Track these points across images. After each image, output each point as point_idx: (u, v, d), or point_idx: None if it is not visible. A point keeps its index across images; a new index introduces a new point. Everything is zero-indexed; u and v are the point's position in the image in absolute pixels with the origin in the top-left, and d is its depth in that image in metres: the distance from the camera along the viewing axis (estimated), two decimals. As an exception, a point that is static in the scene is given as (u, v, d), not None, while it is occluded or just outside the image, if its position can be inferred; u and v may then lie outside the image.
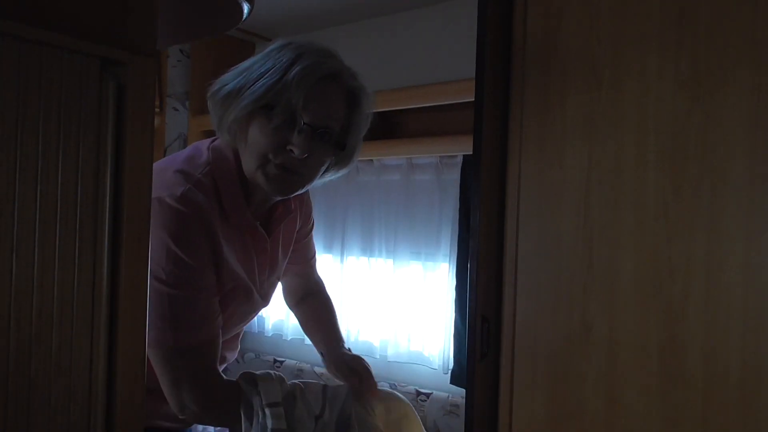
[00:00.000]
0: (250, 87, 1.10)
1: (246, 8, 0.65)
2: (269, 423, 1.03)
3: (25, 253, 0.61)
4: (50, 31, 0.61)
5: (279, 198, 1.23)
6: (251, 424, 1.05)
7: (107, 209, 0.66)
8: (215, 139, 1.24)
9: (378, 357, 2.73)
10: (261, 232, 1.24)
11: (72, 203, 0.64)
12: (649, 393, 1.18)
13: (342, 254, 2.87)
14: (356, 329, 2.82)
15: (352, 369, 1.33)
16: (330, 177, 1.28)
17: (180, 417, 1.10)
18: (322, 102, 1.13)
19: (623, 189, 1.22)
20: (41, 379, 0.62)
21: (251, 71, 1.13)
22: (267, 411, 1.05)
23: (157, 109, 2.90)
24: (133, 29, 0.66)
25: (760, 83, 1.09)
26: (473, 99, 1.33)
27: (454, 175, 2.52)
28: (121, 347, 0.68)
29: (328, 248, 2.93)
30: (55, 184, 0.62)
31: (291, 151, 1.10)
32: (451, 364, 2.49)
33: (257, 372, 1.13)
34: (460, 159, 2.50)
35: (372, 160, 2.76)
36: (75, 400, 0.65)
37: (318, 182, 1.24)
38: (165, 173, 1.11)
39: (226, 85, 1.14)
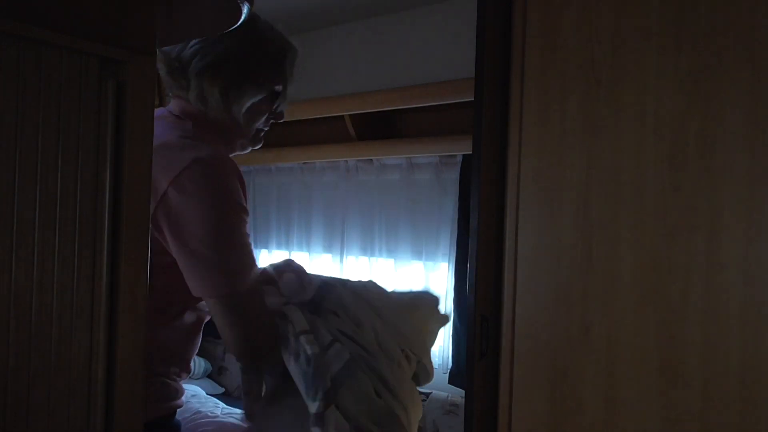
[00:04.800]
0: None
1: (245, 8, 0.65)
2: (307, 349, 1.10)
3: (25, 253, 0.61)
4: (50, 30, 0.61)
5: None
6: (288, 352, 1.11)
7: (107, 208, 0.66)
8: (165, 109, 1.27)
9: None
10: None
11: (72, 203, 0.64)
12: (649, 392, 1.18)
13: (342, 254, 2.87)
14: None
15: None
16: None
17: (241, 361, 1.17)
18: None
19: (622, 188, 1.22)
20: (41, 376, 0.62)
21: None
22: (302, 338, 1.11)
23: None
24: (133, 28, 0.66)
25: (759, 83, 1.09)
26: (473, 99, 1.33)
27: (454, 175, 2.52)
28: (120, 344, 0.68)
29: (328, 248, 2.93)
30: (54, 184, 0.62)
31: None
32: (450, 364, 2.50)
33: (284, 305, 1.18)
34: (459, 159, 2.50)
35: (372, 159, 2.77)
36: (74, 397, 0.65)
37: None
38: (172, 145, 1.13)
39: None
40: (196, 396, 2.71)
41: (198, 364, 3.22)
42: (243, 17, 0.67)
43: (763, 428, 1.08)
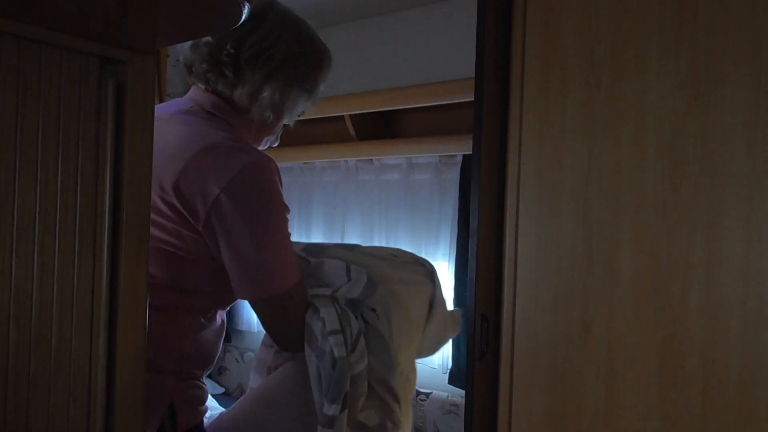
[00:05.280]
0: None
1: (246, 8, 0.65)
2: (335, 351, 1.09)
3: (25, 253, 0.61)
4: (50, 30, 0.61)
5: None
6: (311, 349, 1.11)
7: (107, 208, 0.66)
8: (188, 107, 1.22)
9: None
10: None
11: (72, 203, 0.64)
12: (649, 392, 1.18)
13: (341, 254, 2.87)
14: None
15: None
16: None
17: (286, 351, 1.19)
18: None
19: (622, 188, 1.22)
20: (40, 379, 0.62)
21: None
22: (331, 338, 1.10)
23: (156, 109, 2.89)
24: (133, 28, 0.66)
25: (759, 82, 1.09)
26: (473, 99, 1.33)
27: (454, 175, 2.52)
28: (120, 346, 0.68)
29: (328, 248, 2.93)
30: (54, 184, 0.62)
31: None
32: (450, 364, 2.50)
33: (316, 299, 1.17)
34: (459, 159, 2.50)
35: (372, 159, 2.77)
36: (74, 399, 0.65)
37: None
38: (219, 146, 1.11)
39: None
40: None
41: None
42: (243, 17, 0.67)
43: (763, 428, 1.08)
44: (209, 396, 1.25)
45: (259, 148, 1.29)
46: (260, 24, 1.15)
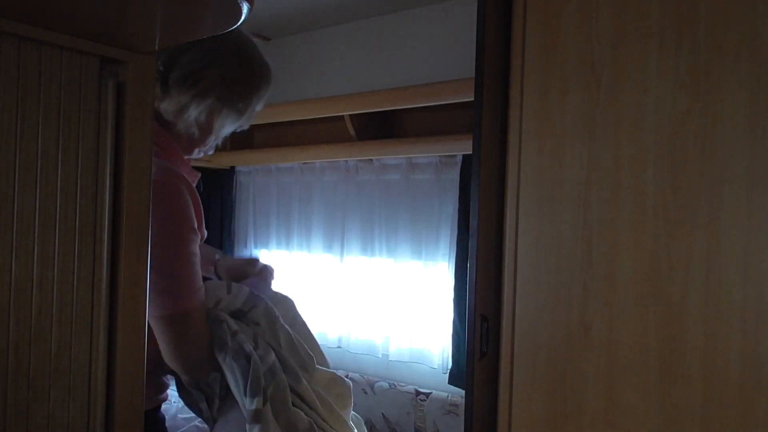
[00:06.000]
0: None
1: (246, 8, 0.65)
2: (245, 347, 1.12)
3: (25, 253, 0.61)
4: (50, 30, 0.61)
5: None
6: (225, 352, 1.13)
7: (107, 208, 0.66)
8: None
9: (380, 356, 2.74)
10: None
11: (72, 203, 0.64)
12: (649, 392, 1.18)
13: (342, 253, 2.87)
14: (357, 328, 2.82)
15: (242, 267, 1.38)
16: None
17: (185, 378, 1.18)
18: None
19: (622, 188, 1.22)
20: (40, 379, 0.62)
21: None
22: (239, 336, 1.14)
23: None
24: (133, 28, 0.66)
25: (759, 83, 1.09)
26: (473, 99, 1.33)
27: (454, 175, 2.52)
28: (120, 347, 0.68)
29: (328, 248, 2.93)
30: (54, 184, 0.62)
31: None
32: (450, 364, 2.50)
33: (216, 309, 1.20)
34: (459, 159, 2.50)
35: (372, 159, 2.77)
36: (74, 400, 0.65)
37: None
38: None
39: None
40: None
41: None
42: (243, 17, 0.67)
43: (763, 428, 1.08)
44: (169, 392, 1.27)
45: (191, 156, 1.29)
46: (195, 45, 1.15)
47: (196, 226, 1.14)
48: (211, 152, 1.33)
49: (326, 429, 1.18)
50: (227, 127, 1.25)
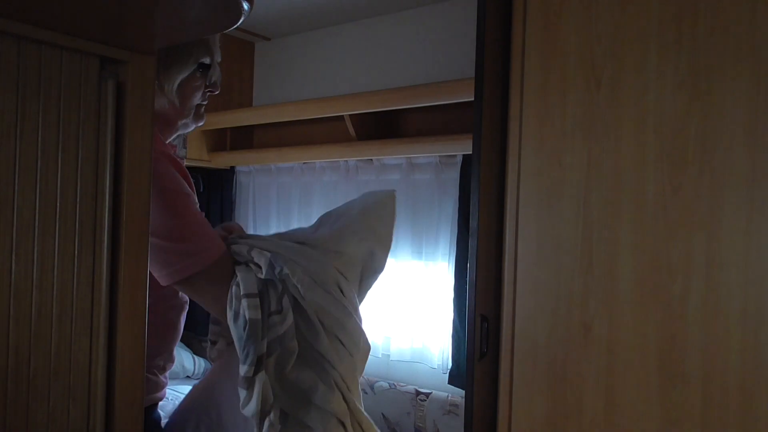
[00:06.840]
0: None
1: (246, 7, 0.65)
2: (246, 313, 1.09)
3: (25, 253, 0.60)
4: (50, 30, 0.61)
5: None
6: (231, 309, 1.11)
7: (107, 209, 0.66)
8: None
9: (380, 356, 2.73)
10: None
11: (72, 203, 0.64)
12: (649, 392, 1.18)
13: (341, 254, 2.87)
14: (356, 329, 2.82)
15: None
16: None
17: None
18: None
19: (622, 188, 1.22)
20: (40, 379, 0.62)
21: None
22: (244, 301, 1.10)
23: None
24: (133, 28, 0.66)
25: (759, 82, 1.09)
26: (473, 99, 1.33)
27: (454, 175, 2.52)
28: (120, 346, 0.68)
29: (328, 248, 2.93)
30: (54, 184, 0.62)
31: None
32: (450, 364, 2.50)
33: (237, 261, 1.17)
34: (459, 159, 2.50)
35: (372, 159, 2.77)
36: (74, 400, 0.65)
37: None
38: None
39: None
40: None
41: (198, 364, 3.22)
42: (243, 17, 0.67)
43: (763, 428, 1.08)
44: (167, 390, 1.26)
45: (180, 132, 1.28)
46: None
47: (187, 191, 1.14)
48: (193, 126, 1.31)
49: (344, 391, 1.14)
50: (179, 77, 1.21)
